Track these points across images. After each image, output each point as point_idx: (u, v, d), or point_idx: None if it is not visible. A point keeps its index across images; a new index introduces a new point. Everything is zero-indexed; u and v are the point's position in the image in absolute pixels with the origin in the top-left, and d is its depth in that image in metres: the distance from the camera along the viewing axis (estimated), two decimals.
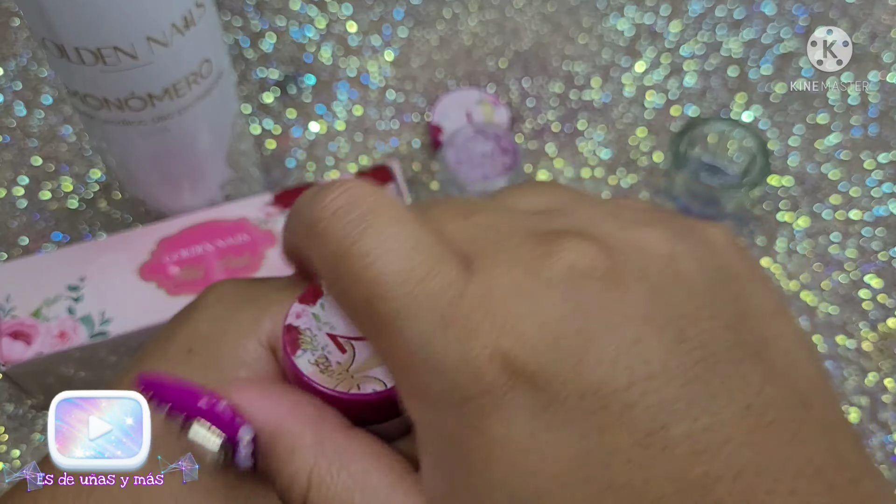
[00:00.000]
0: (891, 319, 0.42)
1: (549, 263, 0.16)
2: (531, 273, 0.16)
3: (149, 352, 0.24)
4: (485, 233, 0.18)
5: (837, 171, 0.47)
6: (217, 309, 0.24)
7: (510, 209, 0.19)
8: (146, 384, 0.20)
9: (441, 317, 0.16)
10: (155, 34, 0.31)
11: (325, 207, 0.18)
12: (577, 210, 0.19)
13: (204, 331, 0.23)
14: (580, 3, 0.55)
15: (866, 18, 0.53)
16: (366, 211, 0.18)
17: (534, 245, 0.17)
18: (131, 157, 0.37)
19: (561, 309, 0.16)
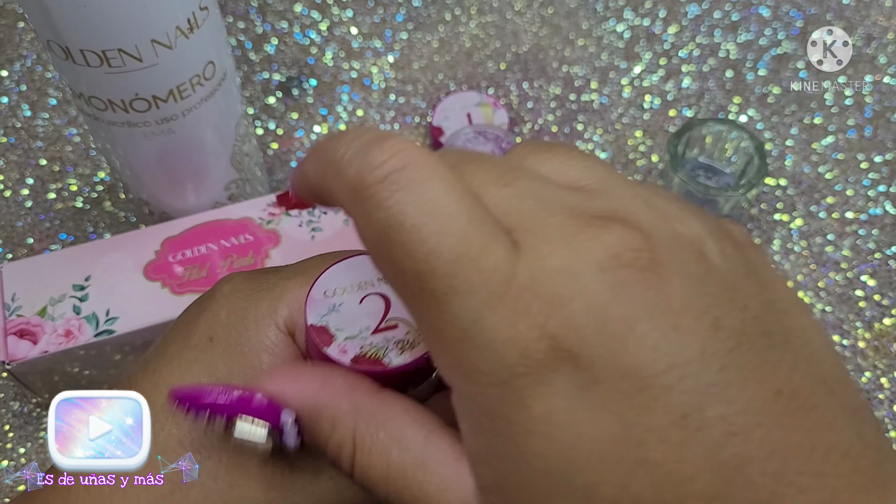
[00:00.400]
0: (886, 318, 0.43)
1: (596, 249, 0.17)
2: (579, 257, 0.17)
3: (170, 342, 0.25)
4: (528, 206, 0.18)
5: (833, 171, 0.48)
6: (234, 299, 0.24)
7: (545, 179, 0.19)
8: (180, 399, 0.21)
9: (492, 295, 0.16)
10: (159, 37, 0.31)
11: (377, 170, 0.18)
12: (615, 192, 0.19)
13: (224, 319, 0.24)
14: (579, 7, 0.55)
15: (862, 20, 0.54)
16: (419, 179, 0.17)
17: (580, 227, 0.17)
18: (136, 158, 0.37)
19: (607, 295, 0.16)
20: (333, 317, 0.22)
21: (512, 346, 0.16)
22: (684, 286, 0.17)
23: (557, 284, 0.16)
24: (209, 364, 0.23)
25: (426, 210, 0.17)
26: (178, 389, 0.21)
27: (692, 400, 0.16)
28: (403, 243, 0.17)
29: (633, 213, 0.18)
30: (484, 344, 0.16)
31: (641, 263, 0.17)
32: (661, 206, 0.19)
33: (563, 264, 0.17)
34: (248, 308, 0.24)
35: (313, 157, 0.20)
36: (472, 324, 0.17)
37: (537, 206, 0.18)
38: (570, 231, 0.17)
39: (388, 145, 0.18)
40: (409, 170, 0.17)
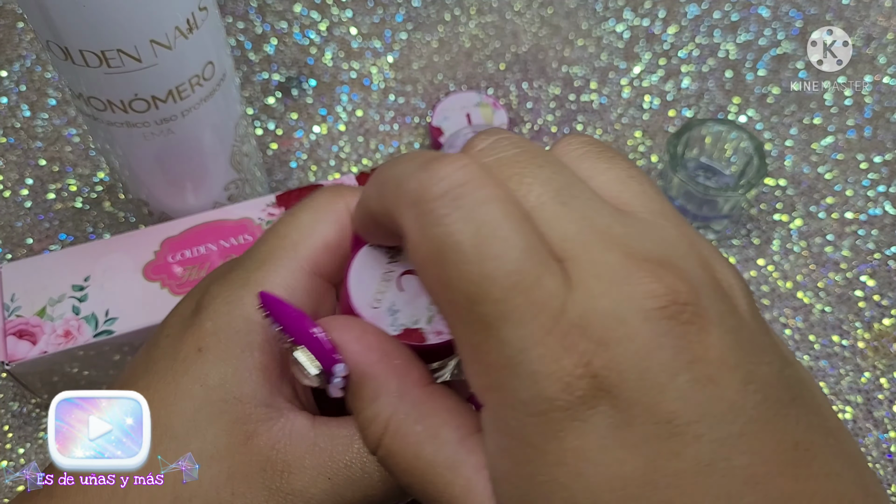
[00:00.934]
0: (886, 319, 0.43)
1: (646, 297, 0.17)
2: (629, 302, 0.17)
3: (157, 359, 0.25)
4: (584, 236, 0.18)
5: (832, 172, 0.48)
6: (216, 305, 0.24)
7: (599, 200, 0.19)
8: (266, 302, 0.22)
9: (542, 327, 0.17)
10: (158, 37, 0.31)
11: (437, 184, 0.18)
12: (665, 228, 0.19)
13: (210, 328, 0.24)
14: (578, 7, 0.55)
15: (862, 21, 0.54)
16: (480, 198, 0.18)
17: (632, 270, 0.18)
18: (135, 158, 0.37)
19: (652, 343, 0.17)
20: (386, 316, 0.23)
21: (555, 379, 0.17)
22: (721, 340, 0.17)
23: (606, 326, 0.17)
24: (200, 374, 0.23)
25: (485, 233, 0.17)
26: (268, 295, 0.22)
27: (720, 449, 0.16)
28: (458, 263, 0.17)
29: (682, 259, 0.18)
30: (527, 374, 0.17)
31: (685, 317, 0.17)
32: (703, 252, 0.19)
33: (613, 307, 0.17)
34: (232, 311, 0.24)
35: (372, 183, 0.21)
36: (518, 352, 0.17)
37: (592, 238, 0.18)
38: (622, 273, 0.18)
39: (451, 160, 0.18)
40: (470, 186, 0.18)
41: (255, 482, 0.23)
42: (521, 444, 0.18)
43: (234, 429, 0.23)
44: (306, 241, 0.25)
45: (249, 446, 0.23)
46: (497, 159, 0.19)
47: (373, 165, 0.48)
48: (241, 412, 0.23)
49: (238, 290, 0.24)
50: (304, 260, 0.25)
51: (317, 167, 0.48)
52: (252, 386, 0.23)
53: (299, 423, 0.24)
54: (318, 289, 0.25)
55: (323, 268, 0.25)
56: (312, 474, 0.23)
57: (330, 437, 0.24)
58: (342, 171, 0.48)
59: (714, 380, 0.17)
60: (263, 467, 0.23)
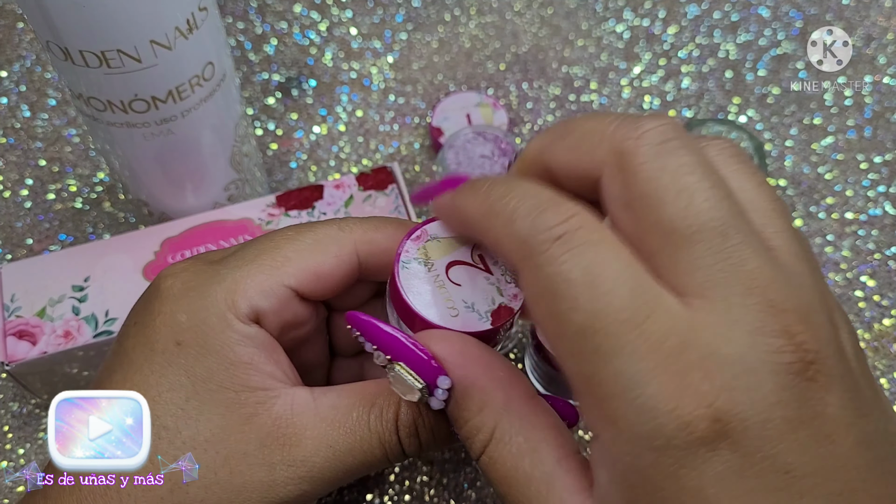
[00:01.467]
0: (886, 319, 0.43)
1: (775, 350, 0.18)
2: (758, 352, 0.18)
3: (130, 348, 0.25)
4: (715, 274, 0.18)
5: (833, 172, 0.48)
6: (190, 298, 0.24)
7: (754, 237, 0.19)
8: (356, 322, 0.23)
9: (661, 362, 0.17)
10: (158, 37, 0.31)
11: (551, 230, 0.19)
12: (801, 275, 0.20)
13: (185, 323, 0.24)
14: (578, 7, 0.55)
15: (862, 21, 0.54)
16: (592, 241, 0.18)
17: (765, 321, 0.18)
18: (135, 159, 0.37)
19: (776, 396, 0.17)
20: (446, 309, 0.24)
21: (675, 417, 0.17)
22: (839, 399, 0.18)
23: (733, 373, 0.17)
24: (185, 366, 0.24)
25: (597, 271, 0.18)
26: (357, 315, 0.23)
27: (831, 502, 0.18)
28: (572, 297, 0.18)
29: (815, 314, 0.19)
30: (644, 408, 0.17)
31: (810, 374, 0.18)
32: (830, 304, 0.20)
33: (742, 354, 0.18)
34: (208, 307, 0.24)
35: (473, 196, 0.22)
36: (635, 386, 0.18)
37: (737, 280, 0.18)
38: (758, 323, 0.18)
39: (565, 209, 0.19)
40: (584, 231, 0.19)
41: (253, 459, 0.23)
42: (635, 478, 0.18)
43: (228, 413, 0.23)
44: (299, 261, 0.25)
45: (248, 426, 0.23)
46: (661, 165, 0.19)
47: (373, 166, 0.48)
48: (234, 399, 0.23)
49: (213, 286, 0.24)
50: (289, 276, 0.25)
51: (317, 167, 0.48)
52: (239, 376, 0.24)
53: (300, 396, 0.24)
54: (295, 308, 0.26)
55: (308, 292, 0.25)
56: (315, 443, 0.24)
57: (331, 406, 0.24)
58: (342, 171, 0.48)
59: (831, 437, 0.18)
60: (263, 443, 0.23)
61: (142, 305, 0.26)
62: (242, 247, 0.26)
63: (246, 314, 0.24)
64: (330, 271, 0.25)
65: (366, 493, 0.37)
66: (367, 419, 0.24)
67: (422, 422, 0.24)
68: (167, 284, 0.25)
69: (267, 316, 0.25)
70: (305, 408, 0.24)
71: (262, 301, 0.24)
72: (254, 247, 0.26)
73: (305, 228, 0.26)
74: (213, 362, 0.24)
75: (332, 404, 0.24)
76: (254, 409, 0.24)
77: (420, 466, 0.38)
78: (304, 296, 0.26)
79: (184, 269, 0.25)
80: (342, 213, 0.38)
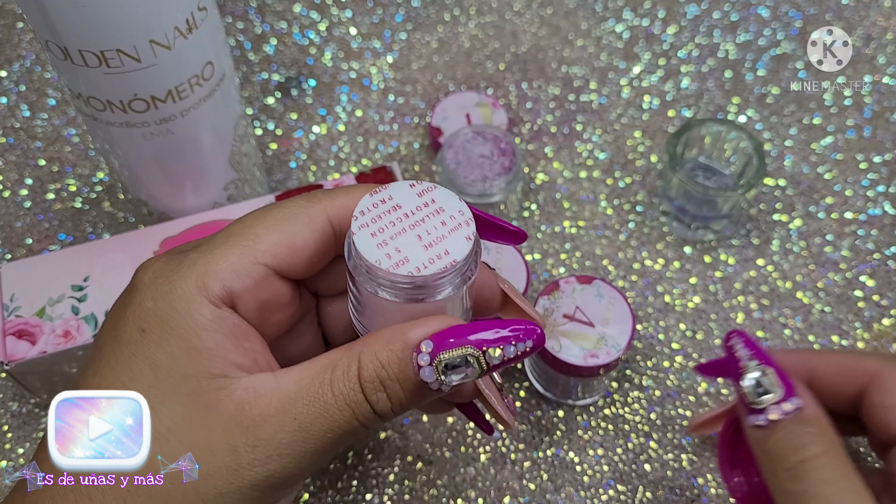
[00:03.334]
0: (885, 319, 0.43)
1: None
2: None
3: (103, 342, 0.24)
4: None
5: (832, 172, 0.48)
6: (158, 285, 0.24)
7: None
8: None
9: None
10: (158, 37, 0.31)
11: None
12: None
13: (151, 309, 0.24)
14: (578, 7, 0.55)
15: (861, 21, 0.54)
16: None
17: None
18: (135, 158, 0.37)
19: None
20: None
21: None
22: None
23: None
24: (147, 355, 0.23)
25: None
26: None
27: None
28: None
29: None
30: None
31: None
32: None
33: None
34: (174, 291, 0.24)
35: None
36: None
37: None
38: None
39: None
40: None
41: (217, 446, 0.23)
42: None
43: (189, 402, 0.23)
44: (270, 236, 0.25)
45: (210, 414, 0.23)
46: None
47: (372, 166, 0.48)
48: (195, 387, 0.23)
49: (182, 271, 0.24)
50: (262, 253, 0.24)
51: (316, 167, 0.48)
52: (202, 363, 0.23)
53: (262, 379, 0.24)
54: (274, 286, 0.25)
55: (284, 267, 0.25)
56: (279, 419, 0.23)
57: (293, 381, 0.24)
58: (342, 171, 0.48)
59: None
60: (226, 429, 0.23)
61: (118, 301, 0.25)
62: (214, 234, 0.26)
63: (218, 296, 0.24)
64: (304, 242, 0.25)
65: (366, 493, 0.37)
66: (328, 382, 0.23)
67: (385, 373, 0.23)
68: (139, 276, 0.25)
69: (242, 297, 0.24)
70: (267, 388, 0.23)
71: (234, 281, 0.24)
72: (224, 231, 0.25)
73: (274, 206, 0.26)
74: (176, 348, 0.23)
75: (293, 379, 0.24)
76: (215, 395, 0.23)
77: (420, 466, 0.38)
78: (281, 272, 0.25)
79: (156, 260, 0.25)
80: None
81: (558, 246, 0.45)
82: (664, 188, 0.45)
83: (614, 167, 0.48)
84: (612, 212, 0.46)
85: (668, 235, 0.45)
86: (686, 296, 0.43)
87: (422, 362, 0.23)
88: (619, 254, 0.45)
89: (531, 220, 0.46)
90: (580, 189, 0.47)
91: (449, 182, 0.43)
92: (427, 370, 0.23)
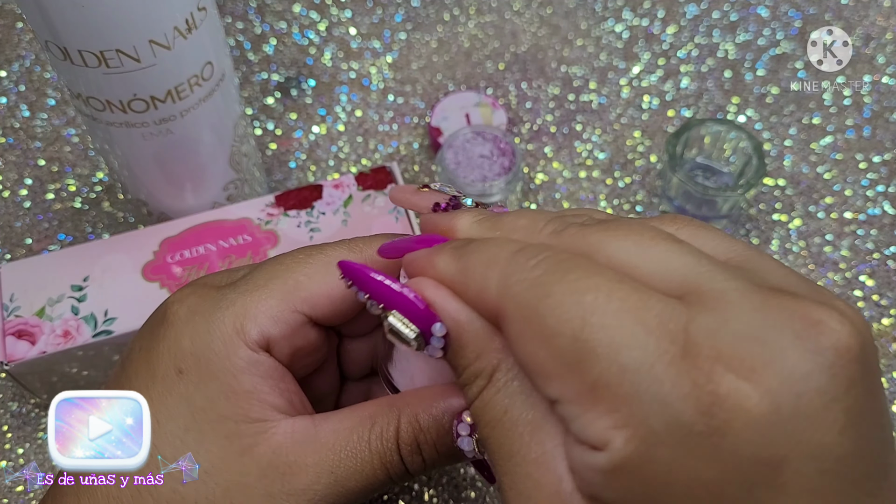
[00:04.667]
0: (885, 318, 0.43)
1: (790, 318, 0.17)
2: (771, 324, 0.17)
3: (133, 374, 0.24)
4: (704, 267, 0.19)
5: (832, 172, 0.48)
6: (195, 323, 0.24)
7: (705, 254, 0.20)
8: (347, 270, 0.22)
9: (665, 352, 0.17)
10: (157, 37, 0.31)
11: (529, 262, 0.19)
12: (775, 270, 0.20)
13: (188, 348, 0.24)
14: (577, 7, 0.55)
15: (861, 21, 0.54)
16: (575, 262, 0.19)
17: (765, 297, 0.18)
18: (134, 158, 0.37)
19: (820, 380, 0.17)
20: None
21: (691, 402, 0.17)
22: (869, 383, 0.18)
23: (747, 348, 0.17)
24: (185, 395, 0.23)
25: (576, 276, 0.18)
26: (348, 263, 0.22)
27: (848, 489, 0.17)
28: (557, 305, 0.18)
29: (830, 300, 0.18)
30: (659, 399, 0.17)
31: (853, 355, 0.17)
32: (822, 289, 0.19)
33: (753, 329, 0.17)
34: (212, 332, 0.24)
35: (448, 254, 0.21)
36: (643, 378, 0.17)
37: (712, 269, 0.18)
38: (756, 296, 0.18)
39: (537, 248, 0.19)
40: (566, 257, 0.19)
41: (254, 491, 0.23)
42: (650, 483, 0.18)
43: (227, 444, 0.23)
44: (311, 284, 0.25)
45: (248, 457, 0.23)
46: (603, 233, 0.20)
47: (372, 166, 0.48)
48: (233, 429, 0.23)
49: (221, 311, 0.24)
50: (301, 301, 0.24)
51: (316, 167, 0.48)
52: (241, 406, 0.23)
53: (300, 424, 0.24)
54: (309, 333, 0.25)
55: (321, 317, 0.25)
56: (316, 471, 0.23)
57: (332, 431, 0.24)
58: (341, 171, 0.48)
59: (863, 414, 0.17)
60: (264, 474, 0.23)
61: (147, 330, 0.25)
62: (251, 270, 0.26)
63: (255, 340, 0.24)
64: (343, 295, 0.25)
65: None
66: (367, 439, 0.24)
67: (423, 437, 0.24)
68: (173, 310, 0.25)
69: (278, 343, 0.24)
70: (306, 436, 0.24)
71: (272, 327, 0.24)
72: (264, 271, 0.25)
73: (315, 250, 0.26)
74: (215, 390, 0.23)
75: (332, 429, 0.24)
76: (253, 439, 0.23)
77: None
78: (317, 321, 0.25)
79: (190, 294, 0.25)
80: (341, 212, 0.38)
81: None
82: (664, 188, 0.45)
83: (614, 167, 0.48)
84: (612, 212, 0.46)
85: None
86: None
87: (462, 432, 0.23)
88: None
89: None
90: (580, 189, 0.47)
91: (449, 182, 0.43)
92: (466, 440, 0.23)
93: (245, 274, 0.26)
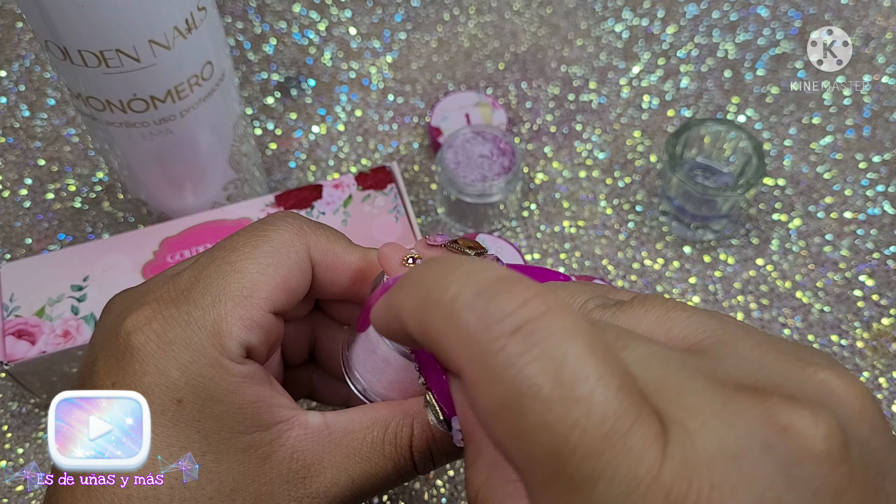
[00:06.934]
0: (884, 318, 0.43)
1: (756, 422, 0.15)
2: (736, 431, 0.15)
3: None
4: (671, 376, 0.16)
5: (831, 171, 0.48)
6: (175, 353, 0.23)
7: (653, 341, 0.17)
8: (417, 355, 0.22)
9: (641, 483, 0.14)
10: (157, 37, 0.31)
11: (507, 319, 0.15)
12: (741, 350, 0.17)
13: (180, 379, 0.23)
14: (577, 6, 0.55)
15: (861, 20, 0.54)
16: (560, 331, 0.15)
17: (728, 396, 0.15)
18: (134, 158, 0.37)
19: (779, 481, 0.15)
20: None
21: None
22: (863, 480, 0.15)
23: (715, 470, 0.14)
24: (191, 422, 0.23)
25: (570, 373, 0.15)
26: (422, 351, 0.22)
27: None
28: (540, 412, 0.15)
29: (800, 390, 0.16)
30: None
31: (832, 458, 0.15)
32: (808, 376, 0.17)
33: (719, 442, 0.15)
34: (198, 360, 0.23)
35: (409, 290, 0.17)
36: None
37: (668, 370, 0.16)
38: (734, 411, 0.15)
39: (520, 289, 0.15)
40: (548, 320, 0.15)
41: (281, 498, 0.23)
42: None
43: (246, 459, 0.23)
44: (268, 282, 0.24)
45: (268, 466, 0.23)
46: None
47: (372, 165, 0.48)
48: (248, 442, 0.23)
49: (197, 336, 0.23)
50: (265, 301, 0.24)
51: (316, 167, 0.48)
52: (250, 418, 0.24)
53: (312, 423, 0.24)
54: (276, 328, 0.25)
55: (281, 309, 0.25)
56: (332, 473, 0.24)
57: (345, 433, 0.24)
58: (341, 170, 0.48)
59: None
60: (286, 479, 0.23)
61: (112, 363, 0.24)
62: (197, 273, 0.24)
63: (239, 354, 0.23)
64: (297, 285, 0.25)
65: None
66: (381, 445, 0.24)
67: (437, 446, 0.24)
68: (139, 340, 0.23)
69: (256, 348, 0.24)
70: (319, 436, 0.24)
71: (250, 337, 0.24)
72: (213, 274, 0.24)
73: (260, 240, 0.25)
74: (220, 411, 0.23)
75: (345, 430, 0.24)
76: (269, 447, 0.24)
77: None
78: (278, 313, 0.25)
79: (150, 318, 0.24)
80: (341, 212, 0.38)
81: (558, 246, 0.45)
82: (664, 188, 0.45)
83: (614, 167, 0.48)
84: (612, 212, 0.46)
85: (667, 235, 0.45)
86: (686, 295, 0.43)
87: None
88: (618, 254, 0.45)
89: (531, 220, 0.46)
90: (580, 189, 0.47)
91: (448, 182, 0.43)
92: None
93: (191, 279, 0.24)
